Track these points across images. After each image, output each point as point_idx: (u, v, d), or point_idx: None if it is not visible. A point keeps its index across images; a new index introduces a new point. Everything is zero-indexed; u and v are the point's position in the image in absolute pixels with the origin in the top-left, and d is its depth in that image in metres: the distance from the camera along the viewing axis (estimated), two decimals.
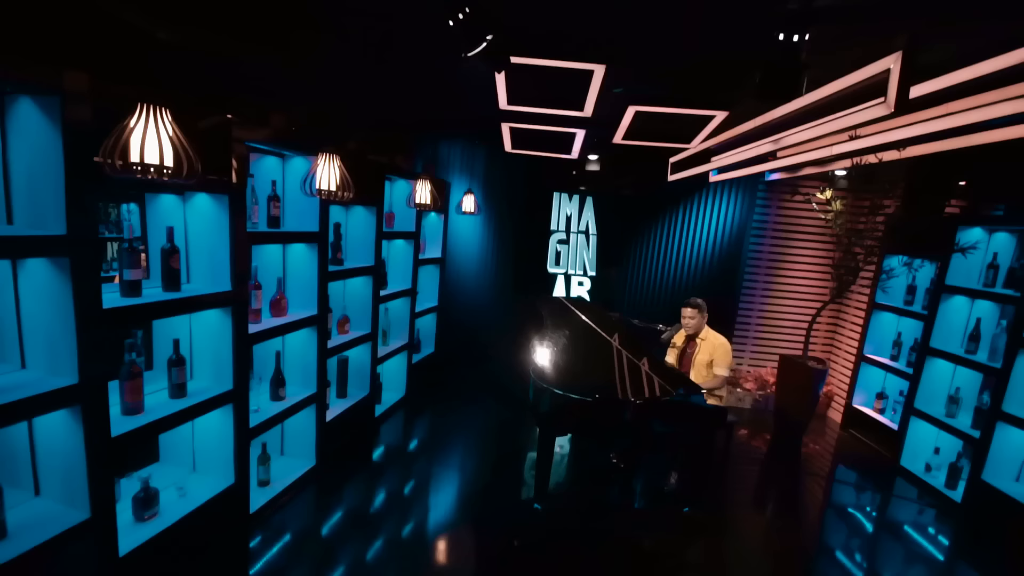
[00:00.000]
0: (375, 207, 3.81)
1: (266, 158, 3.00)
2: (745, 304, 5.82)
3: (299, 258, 3.18)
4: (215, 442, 2.66)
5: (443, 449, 4.09)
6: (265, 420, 2.85)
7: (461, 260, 5.97)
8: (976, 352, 3.98)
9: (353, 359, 3.92)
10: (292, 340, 3.22)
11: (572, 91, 2.98)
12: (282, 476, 3.15)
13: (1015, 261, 3.91)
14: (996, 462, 3.55)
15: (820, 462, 4.59)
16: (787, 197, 5.52)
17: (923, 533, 3.55)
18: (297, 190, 2.96)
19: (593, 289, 6.13)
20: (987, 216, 3.98)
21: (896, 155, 3.34)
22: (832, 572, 3.03)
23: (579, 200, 5.99)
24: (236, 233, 2.45)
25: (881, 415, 4.92)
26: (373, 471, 3.66)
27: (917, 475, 4.21)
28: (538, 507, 3.16)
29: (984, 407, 3.82)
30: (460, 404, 5.02)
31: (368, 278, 3.89)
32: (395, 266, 4.61)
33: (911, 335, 4.77)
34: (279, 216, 2.96)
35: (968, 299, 4.17)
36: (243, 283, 2.55)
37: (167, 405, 2.33)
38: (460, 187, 5.69)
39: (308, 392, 3.25)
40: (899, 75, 2.20)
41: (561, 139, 4.19)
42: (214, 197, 2.41)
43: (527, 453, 4.20)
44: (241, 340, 2.59)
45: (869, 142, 3.19)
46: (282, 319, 3.00)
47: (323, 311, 3.26)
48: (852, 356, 5.29)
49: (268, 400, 3.05)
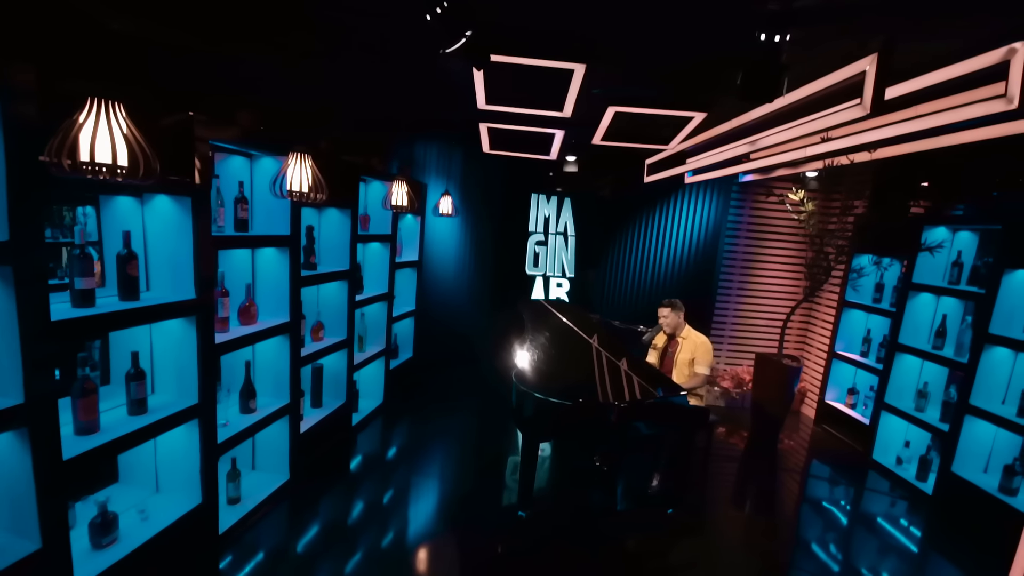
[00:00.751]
0: (349, 209, 3.68)
1: (232, 158, 2.85)
2: (721, 303, 5.90)
3: (269, 263, 3.04)
4: (180, 460, 2.50)
5: (423, 457, 3.98)
6: (234, 434, 2.71)
7: (439, 263, 5.87)
8: (943, 348, 4.12)
9: (328, 367, 3.78)
10: (263, 349, 3.07)
11: (552, 91, 2.94)
12: (254, 492, 2.99)
13: (977, 259, 4.06)
14: (965, 454, 3.67)
15: (796, 458, 4.67)
16: (761, 198, 5.62)
17: (897, 525, 3.64)
18: (266, 192, 2.82)
19: (572, 291, 6.12)
20: (950, 216, 4.12)
21: (867, 156, 3.42)
22: (813, 566, 3.07)
23: (557, 201, 5.97)
24: (200, 237, 2.31)
25: (853, 410, 5.04)
26: (351, 483, 3.53)
27: (889, 468, 4.33)
28: (522, 514, 3.10)
29: (951, 401, 3.95)
30: (440, 410, 4.92)
31: (343, 283, 3.76)
32: (371, 270, 4.48)
33: (880, 332, 4.91)
34: (247, 219, 2.82)
35: (934, 296, 4.31)
36: (208, 290, 2.41)
37: (126, 423, 2.17)
38: (437, 189, 5.59)
39: (281, 403, 3.10)
40: (875, 77, 2.23)
41: (540, 140, 4.14)
42: (175, 199, 2.26)
43: (509, 458, 4.14)
44: (207, 351, 2.44)
45: (841, 144, 3.25)
46: (252, 327, 2.86)
47: (296, 318, 3.13)
48: (824, 353, 5.42)
49: (237, 413, 2.89)
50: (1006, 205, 3.74)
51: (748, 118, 3.17)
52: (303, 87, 3.48)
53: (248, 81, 3.31)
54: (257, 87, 3.46)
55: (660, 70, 2.66)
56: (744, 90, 2.08)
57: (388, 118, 4.40)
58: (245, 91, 3.45)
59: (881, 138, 2.88)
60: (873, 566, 3.13)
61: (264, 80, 3.33)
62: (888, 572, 3.10)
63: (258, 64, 3.00)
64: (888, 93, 2.30)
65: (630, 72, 2.71)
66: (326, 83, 3.33)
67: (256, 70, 3.12)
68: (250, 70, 3.12)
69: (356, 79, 3.24)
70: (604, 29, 2.25)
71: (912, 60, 2.23)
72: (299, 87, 3.47)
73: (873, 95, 2.25)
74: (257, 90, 3.51)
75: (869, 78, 2.26)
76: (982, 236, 4.08)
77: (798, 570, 3.04)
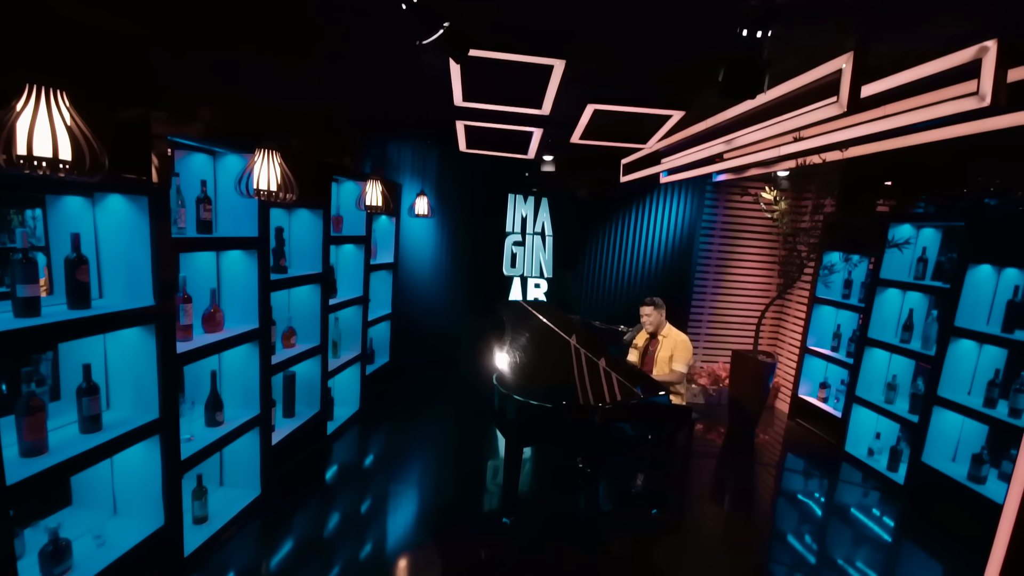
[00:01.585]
0: (321, 210, 3.54)
1: (194, 155, 2.69)
2: (697, 302, 5.96)
3: (236, 266, 2.88)
4: (139, 479, 2.33)
5: (402, 465, 3.86)
6: (200, 449, 2.54)
7: (415, 265, 5.74)
8: (910, 341, 4.23)
9: (301, 374, 3.63)
10: (230, 358, 2.91)
11: (530, 87, 2.88)
12: (222, 510, 2.83)
13: (941, 255, 4.20)
14: (934, 444, 3.77)
15: (773, 452, 4.74)
16: (734, 197, 5.71)
17: (871, 515, 3.72)
18: (231, 191, 2.67)
19: (550, 291, 6.08)
20: (915, 213, 4.25)
21: (839, 155, 3.48)
22: (794, 559, 3.09)
23: (534, 201, 5.92)
24: (158, 239, 2.15)
25: (825, 404, 5.15)
26: (327, 495, 3.39)
27: (861, 459, 4.43)
28: (507, 521, 3.03)
29: (919, 392, 4.07)
30: (418, 415, 4.79)
31: (315, 286, 3.61)
32: (345, 273, 4.33)
33: (849, 327, 5.04)
34: (211, 220, 2.66)
35: (900, 291, 4.44)
36: (169, 296, 2.25)
37: (78, 441, 2.00)
38: (412, 189, 5.47)
39: (250, 414, 2.94)
40: (851, 74, 2.25)
41: (518, 138, 4.08)
42: (130, 199, 2.10)
43: (491, 463, 4.05)
44: (168, 361, 2.28)
45: (813, 143, 3.30)
46: (218, 335, 2.69)
47: (265, 324, 2.97)
48: (796, 349, 5.53)
49: (203, 427, 2.72)
50: (968, 202, 3.87)
51: (725, 116, 3.18)
52: (272, 83, 3.32)
53: (212, 76, 3.14)
54: (223, 82, 3.29)
55: (641, 67, 2.63)
56: (726, 87, 2.06)
57: (362, 116, 4.25)
58: (209, 85, 3.27)
59: (853, 137, 2.93)
60: (849, 556, 3.19)
61: (230, 75, 3.16)
62: (863, 562, 3.16)
63: (225, 59, 2.84)
64: (863, 91, 2.33)
65: (610, 68, 2.67)
66: (296, 79, 3.18)
67: (223, 66, 2.96)
68: (216, 65, 2.95)
69: (329, 76, 3.11)
70: (584, 24, 2.20)
71: (886, 59, 2.26)
72: (268, 83, 3.32)
73: (850, 93, 2.28)
74: (223, 85, 3.34)
75: (845, 76, 2.28)
76: (945, 232, 4.22)
77: (780, 564, 3.05)
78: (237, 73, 3.13)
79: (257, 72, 3.10)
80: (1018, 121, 2.28)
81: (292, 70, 3.00)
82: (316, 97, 3.62)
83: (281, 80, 3.22)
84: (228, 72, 3.12)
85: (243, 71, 3.09)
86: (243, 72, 3.11)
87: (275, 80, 3.23)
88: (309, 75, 3.09)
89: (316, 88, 3.38)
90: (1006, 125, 2.26)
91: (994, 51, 1.93)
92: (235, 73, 3.13)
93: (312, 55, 2.74)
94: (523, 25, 2.22)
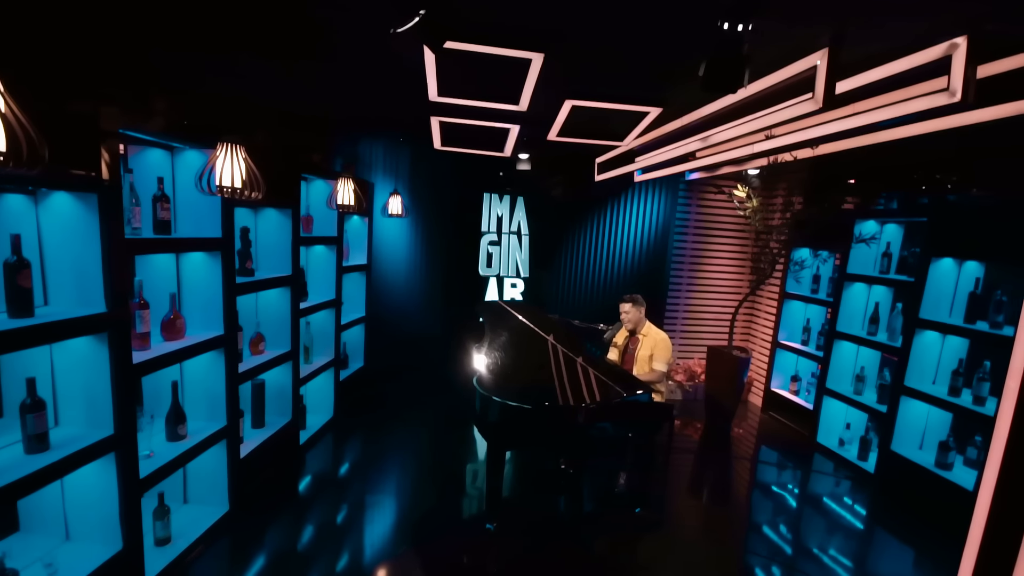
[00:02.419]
0: (290, 209, 3.38)
1: (150, 151, 2.51)
2: (672, 299, 6.02)
3: (198, 269, 2.70)
4: (94, 501, 2.15)
5: (379, 473, 3.72)
6: (161, 466, 2.37)
7: (389, 266, 5.59)
8: (877, 333, 4.36)
9: (271, 382, 3.45)
10: (193, 367, 2.73)
11: (508, 82, 2.81)
12: (187, 529, 2.65)
13: (904, 250, 4.35)
14: (902, 433, 3.89)
15: (749, 446, 4.82)
16: (706, 196, 5.79)
17: (843, 504, 3.81)
18: (191, 189, 2.50)
19: (527, 291, 6.02)
20: (879, 210, 4.39)
21: (810, 152, 3.55)
22: (773, 550, 3.13)
23: (510, 200, 5.86)
24: (110, 241, 1.99)
25: (796, 396, 5.27)
26: (300, 508, 3.23)
27: (832, 450, 4.55)
28: (490, 527, 2.95)
29: (886, 383, 4.20)
30: (395, 421, 4.65)
31: (285, 289, 3.45)
32: (316, 275, 4.16)
33: (818, 321, 5.17)
34: (170, 220, 2.49)
35: (866, 285, 4.57)
36: (122, 302, 2.08)
37: (23, 463, 1.82)
38: (385, 188, 5.32)
39: (216, 426, 2.77)
40: (826, 71, 2.27)
41: (494, 135, 4.01)
42: (78, 196, 1.93)
43: (472, 468, 3.97)
44: (123, 372, 2.11)
45: (785, 140, 3.35)
46: (179, 343, 2.52)
47: (231, 330, 2.81)
48: (768, 343, 5.65)
49: (164, 441, 2.55)
50: (931, 199, 4.01)
51: (702, 113, 3.19)
52: (238, 76, 3.15)
53: (173, 67, 2.94)
54: (184, 74, 3.09)
55: (620, 62, 2.59)
56: (707, 81, 2.04)
57: (335, 112, 4.10)
58: (168, 77, 3.07)
59: (825, 134, 2.98)
60: (826, 545, 3.25)
61: (191, 66, 2.98)
62: (840, 549, 3.23)
63: (191, 52, 2.66)
64: (838, 88, 2.35)
65: (589, 63, 2.63)
66: (264, 71, 3.02)
67: (184, 56, 2.78)
68: (176, 56, 2.77)
69: (300, 69, 2.96)
70: (563, 16, 2.14)
71: (859, 55, 2.29)
72: (233, 75, 3.14)
73: (825, 89, 2.30)
74: (183, 77, 3.14)
75: (820, 72, 2.31)
76: (907, 228, 4.37)
77: (763, 557, 3.08)
78: (204, 66, 2.96)
79: (221, 64, 2.93)
80: (983, 117, 2.35)
81: (261, 61, 2.84)
82: (284, 91, 3.46)
83: (246, 72, 3.06)
84: (194, 65, 2.94)
85: (210, 63, 2.92)
86: (209, 64, 2.94)
87: (240, 72, 3.06)
88: (278, 68, 2.94)
89: (284, 82, 3.23)
90: (973, 121, 2.32)
91: (964, 48, 1.97)
92: (201, 66, 2.96)
93: (286, 49, 2.60)
94: (500, 17, 2.15)
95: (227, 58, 2.78)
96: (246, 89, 3.44)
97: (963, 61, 1.97)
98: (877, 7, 1.91)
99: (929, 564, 3.15)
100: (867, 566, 3.10)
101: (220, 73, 3.10)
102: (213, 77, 3.17)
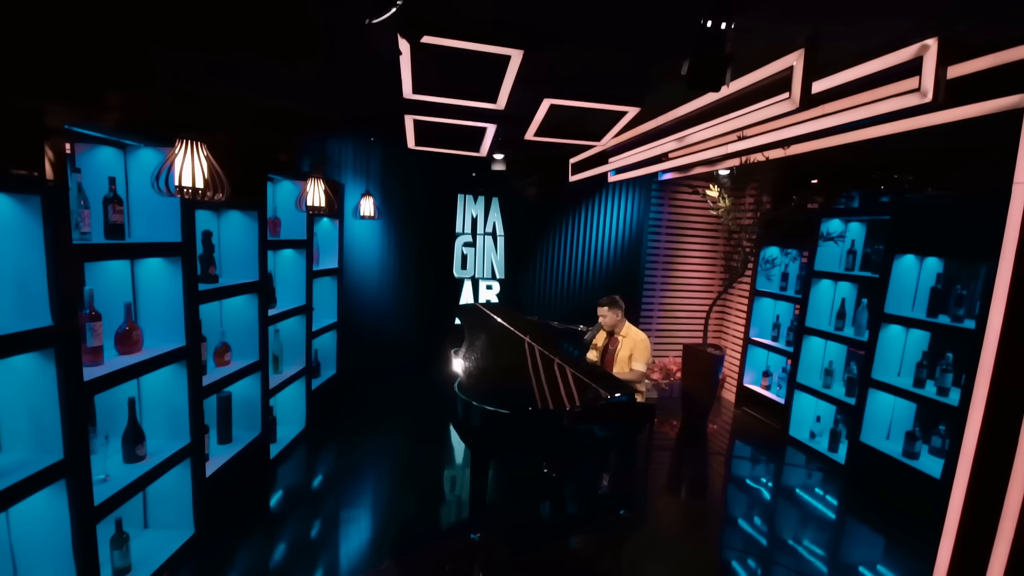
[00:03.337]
0: (256, 211, 3.21)
1: (100, 149, 2.32)
2: (647, 298, 6.07)
3: (156, 276, 2.52)
4: (43, 532, 1.96)
5: (355, 484, 3.57)
6: (119, 491, 2.18)
7: (361, 269, 5.42)
8: (844, 328, 4.50)
9: (238, 395, 3.27)
10: (152, 381, 2.54)
11: (486, 80, 2.74)
12: (149, 557, 2.46)
13: (867, 247, 4.50)
14: (870, 424, 4.02)
15: (725, 441, 4.90)
16: (678, 196, 5.86)
17: (815, 494, 3.91)
18: (147, 190, 2.32)
19: (502, 293, 5.95)
20: (844, 209, 4.53)
21: (782, 153, 3.62)
22: (761, 544, 3.16)
23: (485, 201, 5.78)
24: (56, 247, 1.81)
25: (768, 391, 5.40)
26: (272, 526, 3.06)
27: (804, 442, 4.67)
28: (475, 537, 2.87)
29: (852, 376, 4.33)
30: (370, 430, 4.50)
31: (252, 296, 3.27)
32: (284, 280, 3.98)
33: (787, 317, 5.31)
34: (123, 223, 2.30)
35: (832, 282, 4.72)
36: (71, 314, 1.91)
37: None
38: (355, 189, 5.15)
39: (179, 444, 2.59)
40: (803, 71, 2.29)
41: (470, 134, 3.92)
42: (18, 199, 1.75)
43: (452, 475, 3.87)
44: (73, 391, 1.93)
45: (758, 140, 3.40)
46: (135, 356, 2.34)
47: (194, 340, 2.63)
48: (740, 340, 5.76)
49: (121, 463, 2.35)
50: (892, 198, 4.17)
51: (677, 114, 3.21)
52: (198, 69, 2.96)
53: (124, 58, 2.73)
54: (137, 67, 2.88)
55: (601, 61, 2.56)
56: (691, 79, 2.03)
57: (305, 108, 3.92)
58: (119, 69, 2.85)
59: (796, 135, 3.03)
60: (803, 536, 3.33)
61: (146, 58, 2.77)
62: (815, 539, 3.31)
63: (141, 39, 2.47)
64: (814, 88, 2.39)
65: (569, 61, 2.58)
66: (228, 67, 2.85)
67: (138, 47, 2.58)
68: (128, 46, 2.57)
69: (267, 65, 2.80)
70: (545, 12, 2.09)
71: (834, 54, 2.32)
72: (193, 68, 2.95)
73: (802, 89, 2.33)
74: (136, 70, 2.93)
75: (797, 72, 2.33)
76: (869, 226, 4.53)
77: (747, 552, 3.10)
78: (164, 58, 2.76)
79: (178, 58, 2.74)
80: (947, 119, 2.43)
81: (222, 56, 2.67)
82: (248, 85, 3.28)
83: (206, 63, 2.87)
84: (150, 57, 2.74)
85: (169, 57, 2.73)
86: (168, 58, 2.75)
87: (200, 64, 2.88)
88: (241, 60, 2.77)
89: (250, 75, 3.05)
90: (938, 122, 2.39)
91: (935, 49, 2.03)
92: (163, 58, 2.76)
93: (246, 39, 2.45)
94: (480, 12, 2.08)
95: (183, 50, 2.60)
96: (203, 82, 3.24)
97: (934, 62, 2.02)
98: (854, 6, 1.94)
99: (899, 550, 3.25)
100: (841, 555, 3.19)
101: (177, 67, 2.91)
102: (169, 70, 2.97)
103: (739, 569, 2.91)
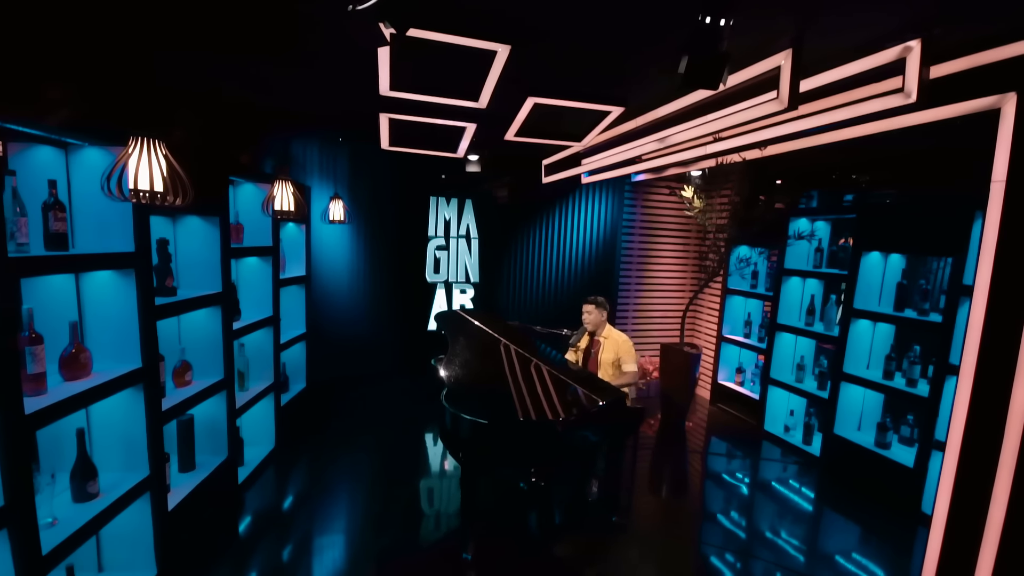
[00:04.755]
0: (218, 216, 2.96)
1: (37, 148, 2.04)
2: (623, 298, 6.09)
3: (106, 291, 2.26)
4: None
5: (331, 506, 3.35)
6: (69, 536, 1.92)
7: (330, 276, 5.17)
8: (814, 324, 4.64)
9: (201, 417, 3.00)
10: (104, 409, 2.27)
11: (468, 77, 2.62)
12: None
13: (832, 244, 4.66)
14: (843, 416, 4.15)
15: (703, 438, 4.96)
16: (652, 197, 5.91)
17: (790, 487, 4.00)
18: (93, 195, 2.07)
19: (476, 297, 5.83)
20: (811, 208, 4.67)
21: (758, 153, 3.67)
22: (738, 539, 3.18)
23: (458, 203, 5.64)
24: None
25: (742, 387, 5.51)
26: (242, 556, 2.82)
27: (779, 436, 4.78)
28: (467, 557, 2.73)
29: (823, 370, 4.46)
30: (344, 445, 4.26)
31: (214, 308, 3.01)
32: (249, 290, 3.71)
33: (757, 314, 5.44)
34: (66, 232, 2.04)
35: (801, 279, 4.85)
36: (6, 337, 1.65)
37: None
38: (322, 192, 4.90)
39: (137, 477, 2.32)
40: (790, 71, 2.30)
41: (448, 134, 3.78)
42: None
43: (435, 491, 3.71)
44: (11, 426, 1.67)
45: (736, 142, 3.43)
46: (84, 382, 2.08)
47: (151, 360, 2.37)
48: (713, 337, 5.86)
49: (70, 503, 2.08)
50: (857, 197, 4.32)
51: (659, 114, 3.19)
52: (153, 58, 2.69)
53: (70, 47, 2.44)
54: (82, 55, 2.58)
55: (588, 58, 2.49)
56: (687, 77, 1.98)
57: (271, 106, 3.66)
58: (63, 58, 2.55)
59: (775, 136, 3.07)
60: (784, 528, 3.40)
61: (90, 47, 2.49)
62: (794, 530, 3.40)
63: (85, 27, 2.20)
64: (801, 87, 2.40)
65: (556, 58, 2.50)
66: (187, 57, 2.60)
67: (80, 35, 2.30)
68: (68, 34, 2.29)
69: (232, 57, 2.57)
70: (532, 7, 2.00)
71: (815, 57, 2.34)
72: (146, 57, 2.67)
73: (790, 89, 2.34)
74: (84, 59, 2.62)
75: (785, 72, 2.34)
76: (834, 224, 4.69)
77: (730, 548, 3.11)
78: (115, 45, 2.48)
79: (130, 45, 2.47)
80: (922, 119, 2.50)
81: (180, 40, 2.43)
82: (215, 77, 3.02)
83: (162, 52, 2.61)
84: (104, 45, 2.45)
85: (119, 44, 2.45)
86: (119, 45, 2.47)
87: (154, 52, 2.61)
88: (201, 49, 2.53)
89: (212, 65, 2.80)
90: (924, 120, 2.45)
91: (918, 50, 2.06)
92: (113, 45, 2.47)
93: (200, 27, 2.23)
94: (467, 2, 1.96)
95: (135, 37, 2.34)
96: (160, 73, 2.96)
97: (917, 62, 2.06)
98: (843, 4, 1.94)
99: (875, 538, 3.35)
100: (819, 544, 3.28)
101: (129, 55, 2.63)
102: (120, 59, 2.69)
103: (725, 568, 2.92)
